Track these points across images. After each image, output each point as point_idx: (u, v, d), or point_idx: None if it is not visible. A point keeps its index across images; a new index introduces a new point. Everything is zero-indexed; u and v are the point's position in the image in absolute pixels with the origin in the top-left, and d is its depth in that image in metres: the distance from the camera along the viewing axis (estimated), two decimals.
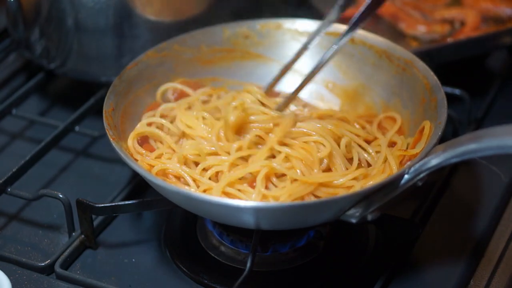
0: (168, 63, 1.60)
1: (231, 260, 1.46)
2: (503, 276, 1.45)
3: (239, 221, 1.35)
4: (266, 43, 1.66)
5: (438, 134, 1.39)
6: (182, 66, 1.61)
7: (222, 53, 1.64)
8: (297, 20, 1.66)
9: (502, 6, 1.87)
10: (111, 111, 1.47)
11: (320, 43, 1.58)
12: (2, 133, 1.77)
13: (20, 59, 1.90)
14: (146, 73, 1.57)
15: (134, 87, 1.55)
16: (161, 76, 1.59)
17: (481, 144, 1.29)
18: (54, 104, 1.84)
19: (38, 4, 1.73)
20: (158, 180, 1.36)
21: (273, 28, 1.66)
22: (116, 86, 1.51)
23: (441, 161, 1.33)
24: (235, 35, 1.64)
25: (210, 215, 1.41)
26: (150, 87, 1.57)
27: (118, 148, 1.40)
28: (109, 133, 1.42)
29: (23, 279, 1.44)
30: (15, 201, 1.57)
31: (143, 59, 1.57)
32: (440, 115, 1.43)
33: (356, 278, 1.45)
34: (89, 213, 1.48)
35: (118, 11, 1.70)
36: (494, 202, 1.57)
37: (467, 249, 1.49)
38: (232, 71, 1.65)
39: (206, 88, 1.59)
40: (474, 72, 1.89)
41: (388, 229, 1.48)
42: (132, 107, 1.53)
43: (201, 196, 1.34)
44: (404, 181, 1.35)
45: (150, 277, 1.46)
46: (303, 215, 1.34)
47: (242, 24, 1.65)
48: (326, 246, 1.48)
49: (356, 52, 1.62)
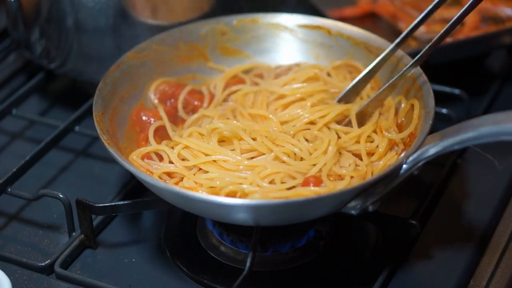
0: (149, 63, 1.60)
1: (231, 260, 1.46)
2: (503, 275, 1.45)
3: (238, 219, 1.36)
4: (242, 38, 1.66)
5: (429, 123, 1.40)
6: (162, 66, 1.61)
7: (200, 50, 1.65)
8: (276, 15, 1.67)
9: (501, 6, 1.87)
10: (101, 115, 1.47)
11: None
12: (2, 133, 1.77)
13: (20, 59, 1.90)
14: (128, 74, 1.57)
15: (119, 88, 1.55)
16: (143, 77, 1.59)
17: (479, 131, 1.30)
18: (54, 104, 1.84)
19: (38, 4, 1.73)
20: (152, 180, 1.37)
21: (249, 23, 1.66)
22: (101, 89, 1.51)
23: (439, 149, 1.35)
24: (212, 32, 1.65)
25: (212, 215, 1.41)
26: (133, 88, 1.57)
27: (113, 152, 1.40)
28: (103, 138, 1.42)
29: (23, 279, 1.45)
30: (15, 201, 1.57)
31: (125, 60, 1.57)
32: (427, 103, 1.44)
33: (356, 278, 1.45)
34: (89, 213, 1.48)
35: (118, 11, 1.70)
36: (494, 202, 1.57)
37: (467, 249, 1.49)
38: (210, 67, 1.65)
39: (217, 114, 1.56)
40: (473, 72, 1.89)
41: (388, 229, 1.48)
42: (119, 109, 1.53)
43: (196, 195, 1.35)
44: (402, 171, 1.37)
45: (150, 277, 1.46)
46: (304, 210, 1.35)
47: (219, 20, 1.66)
48: (326, 246, 1.49)
49: (334, 43, 1.63)
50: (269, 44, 1.67)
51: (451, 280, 1.43)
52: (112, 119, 1.50)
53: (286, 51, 1.67)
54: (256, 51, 1.67)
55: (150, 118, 1.54)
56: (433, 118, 1.41)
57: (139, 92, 1.58)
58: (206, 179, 1.41)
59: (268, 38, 1.67)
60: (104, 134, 1.43)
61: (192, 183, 1.41)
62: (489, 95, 1.80)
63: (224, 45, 1.66)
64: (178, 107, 1.58)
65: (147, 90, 1.59)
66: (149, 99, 1.59)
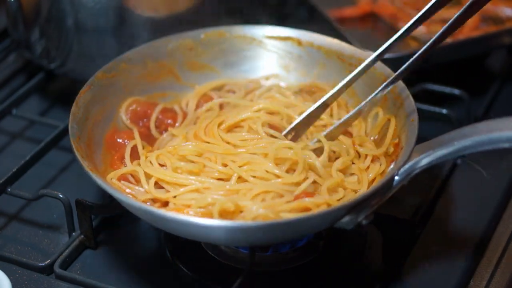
0: (117, 83, 1.57)
1: (231, 260, 1.46)
2: (503, 276, 1.45)
3: (233, 242, 1.37)
4: (210, 53, 1.64)
5: (415, 133, 1.38)
6: (131, 85, 1.58)
7: (168, 67, 1.63)
8: (243, 27, 1.65)
9: (501, 6, 1.87)
10: (78, 140, 1.44)
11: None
12: (2, 133, 1.77)
13: (20, 59, 1.90)
14: (99, 96, 1.54)
15: (91, 111, 1.51)
16: (113, 97, 1.56)
17: (471, 140, 1.29)
18: (54, 104, 1.84)
19: (38, 4, 1.73)
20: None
21: (216, 36, 1.64)
22: (75, 114, 1.47)
23: (432, 160, 1.34)
24: (179, 47, 1.62)
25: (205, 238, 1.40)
26: (105, 110, 1.54)
27: (96, 178, 1.37)
28: (84, 163, 1.39)
29: (23, 279, 1.44)
30: (15, 201, 1.57)
31: (95, 81, 1.54)
32: (410, 113, 1.43)
33: (356, 278, 1.45)
34: (88, 213, 1.48)
35: (118, 11, 1.70)
36: (494, 202, 1.57)
37: (467, 249, 1.49)
38: (180, 84, 1.63)
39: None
40: (473, 72, 1.89)
41: (387, 229, 1.48)
42: (94, 132, 1.50)
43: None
44: (395, 182, 1.36)
45: (150, 277, 1.46)
46: (296, 229, 1.34)
47: (186, 35, 1.63)
48: (326, 246, 1.48)
49: (304, 53, 1.62)
50: (237, 57, 1.65)
51: (451, 281, 1.43)
52: (88, 144, 1.47)
53: (255, 64, 1.65)
54: (225, 64, 1.65)
55: (125, 140, 1.51)
56: (418, 127, 1.39)
57: (111, 113, 1.55)
58: (192, 199, 1.39)
59: (237, 51, 1.65)
60: (85, 160, 1.40)
61: (179, 206, 1.39)
62: (489, 95, 1.80)
63: (192, 60, 1.63)
64: (151, 126, 1.56)
65: (118, 111, 1.56)
66: (121, 120, 1.56)
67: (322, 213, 1.33)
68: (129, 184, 1.43)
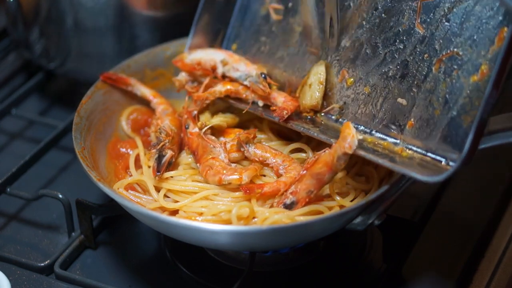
0: (118, 92, 1.58)
1: (231, 260, 1.46)
2: (504, 276, 1.45)
3: (233, 246, 1.38)
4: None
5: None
6: (130, 93, 1.58)
7: (166, 75, 1.62)
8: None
9: None
10: (83, 151, 1.44)
11: None
12: (2, 133, 1.77)
13: (20, 59, 1.90)
14: (100, 105, 1.54)
15: (94, 121, 1.52)
16: (114, 106, 1.56)
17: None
18: (54, 104, 1.84)
19: (38, 4, 1.73)
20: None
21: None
22: (77, 124, 1.48)
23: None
24: (177, 54, 1.60)
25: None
26: (106, 119, 1.55)
27: (107, 189, 1.37)
28: (92, 174, 1.39)
29: (23, 279, 1.44)
30: (15, 201, 1.57)
31: (95, 90, 1.54)
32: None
33: (356, 278, 1.45)
34: (88, 213, 1.48)
35: (118, 11, 1.70)
36: (495, 202, 1.57)
37: (467, 249, 1.49)
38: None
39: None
40: None
41: (388, 229, 1.48)
42: (97, 142, 1.51)
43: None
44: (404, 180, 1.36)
45: (150, 277, 1.46)
46: (308, 232, 1.35)
47: (184, 42, 1.61)
48: (326, 246, 1.49)
49: None
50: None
51: (452, 281, 1.43)
52: (93, 154, 1.48)
53: None
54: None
55: (128, 149, 1.52)
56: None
57: (113, 122, 1.56)
58: (202, 206, 1.39)
59: None
60: (92, 170, 1.40)
61: (190, 214, 1.39)
62: None
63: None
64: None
65: (119, 120, 1.56)
66: (122, 129, 1.56)
67: (336, 214, 1.33)
68: (136, 194, 1.44)
